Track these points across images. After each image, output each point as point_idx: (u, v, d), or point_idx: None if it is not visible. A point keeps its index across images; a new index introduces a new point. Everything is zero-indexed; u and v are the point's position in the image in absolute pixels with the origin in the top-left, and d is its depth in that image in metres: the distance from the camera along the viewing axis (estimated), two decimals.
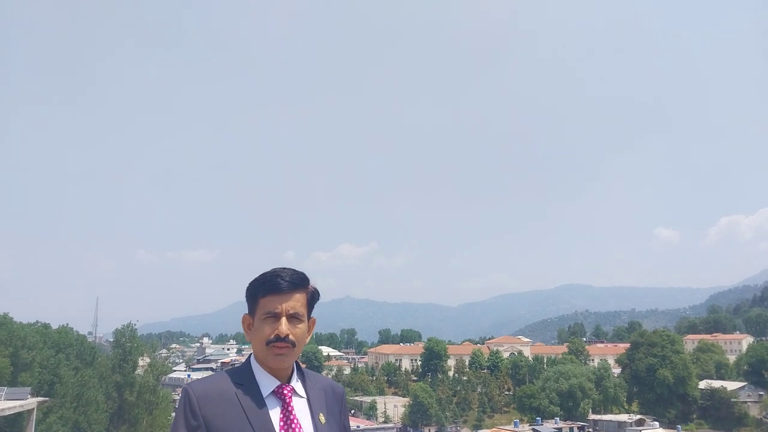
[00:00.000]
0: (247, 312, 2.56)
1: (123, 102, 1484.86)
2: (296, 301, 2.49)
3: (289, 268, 2.54)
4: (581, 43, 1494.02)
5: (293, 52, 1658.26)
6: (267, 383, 2.45)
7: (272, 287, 2.47)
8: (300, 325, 2.49)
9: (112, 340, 59.66)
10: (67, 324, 57.90)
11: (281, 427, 2.37)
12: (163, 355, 68.53)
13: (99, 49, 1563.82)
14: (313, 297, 2.58)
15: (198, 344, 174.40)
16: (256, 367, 2.49)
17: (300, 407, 2.46)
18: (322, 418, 2.49)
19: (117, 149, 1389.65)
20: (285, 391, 2.45)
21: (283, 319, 2.45)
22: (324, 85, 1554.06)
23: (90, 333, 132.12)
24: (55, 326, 55.52)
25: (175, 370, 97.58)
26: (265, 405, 2.40)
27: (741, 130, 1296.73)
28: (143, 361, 52.73)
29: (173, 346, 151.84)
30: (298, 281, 2.51)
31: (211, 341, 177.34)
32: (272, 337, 2.43)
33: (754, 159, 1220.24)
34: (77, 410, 39.82)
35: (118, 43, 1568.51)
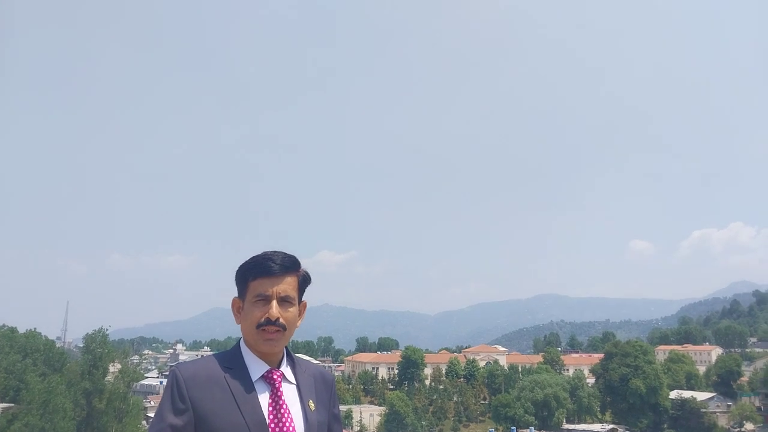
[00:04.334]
0: (236, 296, 2.53)
1: (97, 101, 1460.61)
2: (287, 284, 2.46)
3: (279, 252, 2.50)
4: (563, 61, 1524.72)
5: (276, 54, 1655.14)
6: (256, 368, 2.42)
7: (263, 270, 2.44)
8: (291, 309, 2.46)
9: (82, 345, 58.16)
10: (35, 328, 56.41)
11: (270, 413, 2.35)
12: (134, 361, 67.06)
13: (76, 50, 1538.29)
14: (304, 280, 2.55)
15: (171, 350, 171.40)
16: (245, 351, 2.46)
17: (289, 393, 2.44)
18: (312, 405, 2.47)
19: (92, 149, 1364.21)
20: (274, 376, 2.43)
21: (274, 302, 2.42)
22: (305, 90, 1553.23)
23: (59, 338, 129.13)
24: (22, 330, 54.02)
25: (147, 377, 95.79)
26: (254, 389, 2.37)
27: (713, 146, 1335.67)
28: (114, 368, 51.60)
29: (146, 352, 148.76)
30: (289, 264, 2.48)
31: (185, 348, 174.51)
32: (263, 320, 2.40)
33: (726, 173, 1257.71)
34: (43, 417, 38.67)
35: (97, 44, 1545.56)
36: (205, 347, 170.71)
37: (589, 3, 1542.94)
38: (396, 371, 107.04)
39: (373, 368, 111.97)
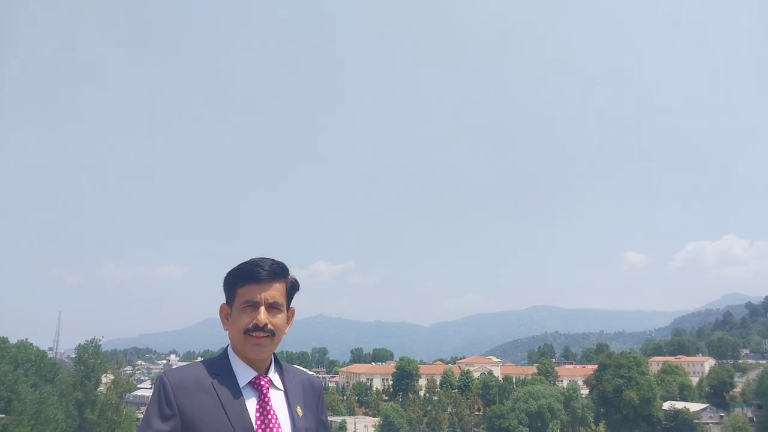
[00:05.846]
0: (224, 302, 2.55)
1: (95, 109, 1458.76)
2: (275, 291, 2.47)
3: (268, 258, 2.53)
4: (558, 72, 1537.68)
5: (274, 62, 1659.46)
6: (244, 374, 2.44)
7: (251, 276, 2.46)
8: (279, 315, 2.48)
9: (74, 356, 57.76)
10: (27, 339, 56.05)
11: (257, 418, 2.37)
12: (127, 372, 66.52)
13: (76, 60, 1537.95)
14: (292, 287, 2.57)
15: (165, 361, 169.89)
16: (233, 357, 2.48)
17: (277, 399, 2.47)
18: (299, 411, 2.49)
19: (87, 158, 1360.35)
20: (262, 383, 2.45)
21: (262, 308, 2.43)
22: (301, 99, 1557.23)
23: (51, 349, 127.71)
24: (13, 341, 53.61)
25: (139, 388, 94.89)
26: (242, 395, 2.39)
27: (706, 159, 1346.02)
28: (106, 378, 51.25)
29: (139, 362, 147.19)
30: (277, 270, 2.51)
31: (178, 358, 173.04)
32: (250, 326, 2.42)
33: (719, 186, 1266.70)
34: (35, 428, 38.38)
35: (97, 52, 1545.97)
36: (199, 358, 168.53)
37: (583, 15, 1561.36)
38: (390, 382, 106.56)
39: (368, 379, 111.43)
